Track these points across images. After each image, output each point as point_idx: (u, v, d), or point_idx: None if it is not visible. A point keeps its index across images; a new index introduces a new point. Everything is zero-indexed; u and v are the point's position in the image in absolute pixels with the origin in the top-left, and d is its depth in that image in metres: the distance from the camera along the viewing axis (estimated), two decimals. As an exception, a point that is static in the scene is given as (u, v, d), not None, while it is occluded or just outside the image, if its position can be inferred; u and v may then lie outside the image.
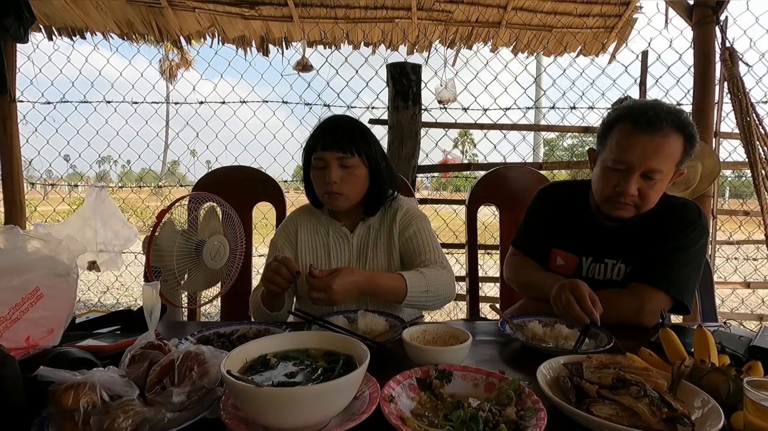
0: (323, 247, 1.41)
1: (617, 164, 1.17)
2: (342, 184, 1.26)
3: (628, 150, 1.14)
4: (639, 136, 1.13)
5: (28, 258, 0.91)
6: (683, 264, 1.19)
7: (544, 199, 1.45)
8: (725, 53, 2.45)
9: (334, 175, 1.24)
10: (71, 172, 4.29)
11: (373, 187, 1.33)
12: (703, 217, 1.23)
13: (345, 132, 1.27)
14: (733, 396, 0.70)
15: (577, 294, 1.08)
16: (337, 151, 1.25)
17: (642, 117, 1.13)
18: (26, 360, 0.73)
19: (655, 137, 1.12)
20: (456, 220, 3.07)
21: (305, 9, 2.74)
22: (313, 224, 1.43)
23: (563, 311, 1.10)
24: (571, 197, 1.39)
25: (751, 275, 3.33)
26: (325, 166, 1.26)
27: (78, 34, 2.84)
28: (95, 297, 4.57)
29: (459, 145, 30.90)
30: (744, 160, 2.52)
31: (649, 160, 1.13)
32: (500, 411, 0.67)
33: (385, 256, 1.37)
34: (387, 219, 1.39)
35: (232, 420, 0.64)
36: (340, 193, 1.27)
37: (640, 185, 1.16)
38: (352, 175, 1.27)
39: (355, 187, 1.29)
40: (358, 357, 0.70)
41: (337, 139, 1.25)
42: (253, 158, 3.19)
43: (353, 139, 1.27)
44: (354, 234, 1.39)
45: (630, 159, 1.14)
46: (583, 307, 1.06)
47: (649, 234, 1.24)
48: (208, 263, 1.29)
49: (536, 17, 2.81)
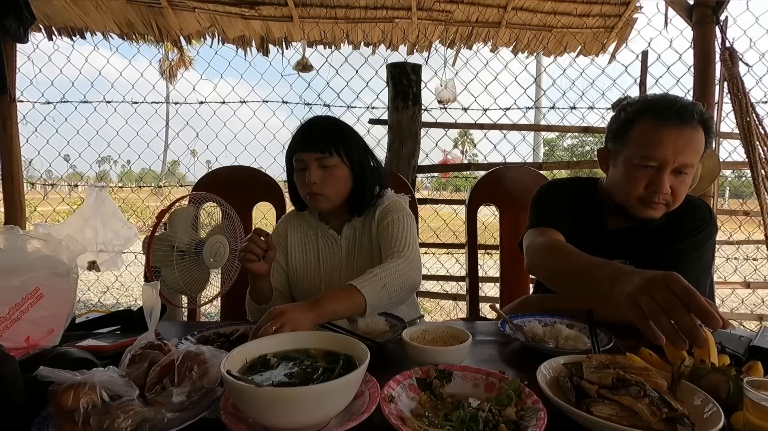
0: (313, 251, 1.41)
1: (647, 161, 1.09)
2: (322, 184, 1.25)
3: (661, 144, 1.07)
4: (669, 129, 1.07)
5: (28, 258, 0.91)
6: (695, 263, 1.16)
7: (562, 188, 1.34)
8: (725, 53, 2.45)
9: (313, 176, 1.24)
10: (71, 172, 4.29)
11: (356, 187, 1.32)
12: (713, 216, 1.21)
13: (323, 132, 1.27)
14: (733, 396, 0.70)
15: (668, 300, 0.66)
16: (316, 151, 1.24)
17: (670, 109, 1.07)
18: (26, 360, 0.73)
19: (685, 130, 1.06)
20: (456, 220, 3.07)
21: (305, 9, 2.74)
22: (303, 228, 1.43)
23: (644, 321, 0.69)
24: (581, 195, 1.32)
25: (751, 275, 3.33)
26: (305, 167, 1.25)
27: (78, 34, 2.84)
28: (95, 297, 4.57)
29: (459, 145, 30.90)
30: (744, 160, 2.51)
31: (682, 154, 1.06)
32: (500, 411, 0.67)
33: (370, 254, 1.36)
34: (369, 217, 1.37)
35: (232, 420, 0.64)
36: (320, 194, 1.26)
37: (672, 181, 1.10)
38: (332, 175, 1.26)
39: (336, 187, 1.27)
40: (358, 357, 0.70)
41: (315, 140, 1.25)
42: (253, 158, 3.19)
43: (331, 138, 1.26)
44: (341, 235, 1.38)
45: (662, 154, 1.07)
46: (678, 321, 0.65)
47: (659, 234, 1.20)
48: (208, 263, 1.29)
49: (536, 17, 2.81)
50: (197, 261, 1.28)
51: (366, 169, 1.32)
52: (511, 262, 1.83)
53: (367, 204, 1.35)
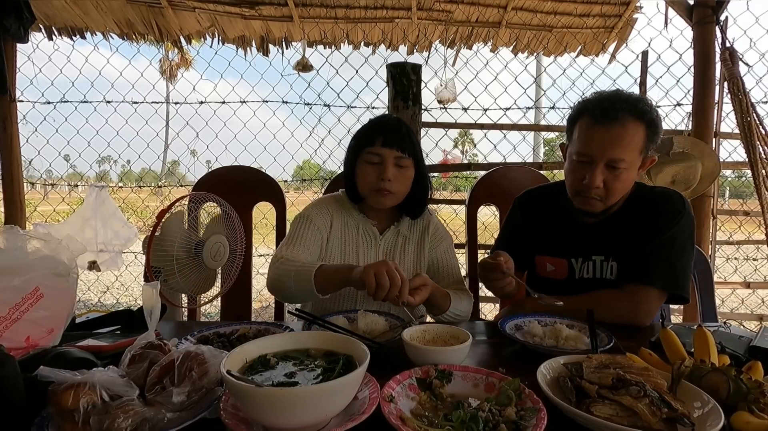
0: (352, 243, 1.38)
1: (581, 157, 1.19)
2: (395, 182, 1.28)
3: (588, 142, 1.17)
4: (597, 128, 1.16)
5: (28, 258, 0.91)
6: (677, 257, 1.19)
7: (518, 208, 1.46)
8: (725, 53, 2.45)
9: (390, 173, 1.26)
10: (71, 172, 4.28)
11: (416, 190, 1.35)
12: (687, 205, 1.23)
13: (405, 132, 1.30)
14: (733, 396, 0.70)
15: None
16: (397, 149, 1.26)
17: (597, 109, 1.16)
18: (26, 360, 0.73)
19: (612, 127, 1.14)
20: (456, 220, 3.07)
21: (305, 9, 2.74)
22: (345, 217, 1.40)
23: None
24: (548, 200, 1.40)
25: (751, 275, 3.33)
26: (380, 162, 1.27)
27: (78, 34, 2.84)
28: (95, 297, 4.57)
29: (459, 145, 30.92)
30: (744, 160, 2.51)
31: (609, 150, 1.14)
32: (500, 411, 0.67)
33: (412, 265, 1.39)
34: (418, 229, 1.41)
35: (232, 420, 0.64)
36: (391, 191, 1.28)
37: (606, 176, 1.17)
38: (404, 175, 1.30)
39: (405, 187, 1.31)
40: (358, 357, 0.70)
41: (397, 138, 1.27)
42: (253, 158, 3.19)
43: (409, 140, 1.30)
44: (383, 236, 1.38)
45: (591, 151, 1.17)
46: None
47: (634, 227, 1.23)
48: (209, 263, 1.29)
49: (536, 17, 2.81)
50: (197, 261, 1.28)
51: (425, 175, 1.37)
52: (511, 262, 1.82)
53: (423, 207, 1.41)
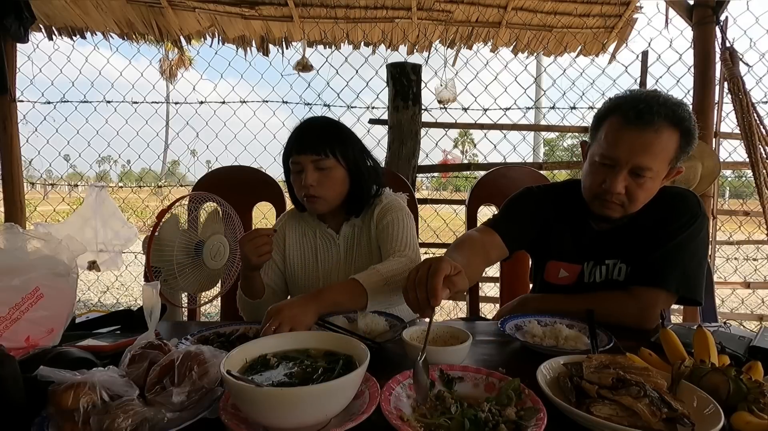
0: (311, 250, 1.41)
1: (604, 159, 1.10)
2: (319, 186, 1.25)
3: (616, 145, 1.07)
4: (628, 130, 1.06)
5: (28, 258, 0.91)
6: (689, 259, 1.13)
7: (534, 202, 1.32)
8: (725, 53, 2.45)
9: (309, 178, 1.23)
10: (71, 172, 4.29)
11: (354, 187, 1.31)
12: (702, 207, 1.17)
13: (318, 134, 1.26)
14: (733, 396, 0.70)
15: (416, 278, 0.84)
16: (311, 153, 1.23)
17: (632, 110, 1.05)
18: (26, 360, 0.73)
19: (645, 132, 1.04)
20: (456, 220, 3.07)
21: (305, 9, 2.74)
22: (301, 227, 1.43)
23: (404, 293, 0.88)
24: (561, 201, 1.30)
25: (751, 275, 3.33)
26: (302, 170, 1.25)
27: (78, 34, 2.84)
28: (95, 297, 4.57)
29: (459, 145, 30.93)
30: (744, 160, 2.52)
31: (638, 156, 1.05)
32: (500, 411, 0.67)
33: (369, 254, 1.36)
34: (368, 216, 1.37)
35: (232, 420, 0.64)
36: (317, 196, 1.26)
37: (628, 183, 1.09)
38: (328, 177, 1.25)
39: (333, 189, 1.27)
40: (358, 357, 0.70)
41: (310, 142, 1.25)
42: (253, 158, 3.19)
43: (327, 140, 1.25)
44: (340, 235, 1.38)
45: (617, 154, 1.07)
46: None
47: (649, 229, 1.17)
48: (209, 263, 1.29)
49: (536, 17, 2.81)
50: (197, 261, 1.28)
51: (363, 169, 1.31)
52: (510, 262, 1.82)
53: (364, 204, 1.35)
